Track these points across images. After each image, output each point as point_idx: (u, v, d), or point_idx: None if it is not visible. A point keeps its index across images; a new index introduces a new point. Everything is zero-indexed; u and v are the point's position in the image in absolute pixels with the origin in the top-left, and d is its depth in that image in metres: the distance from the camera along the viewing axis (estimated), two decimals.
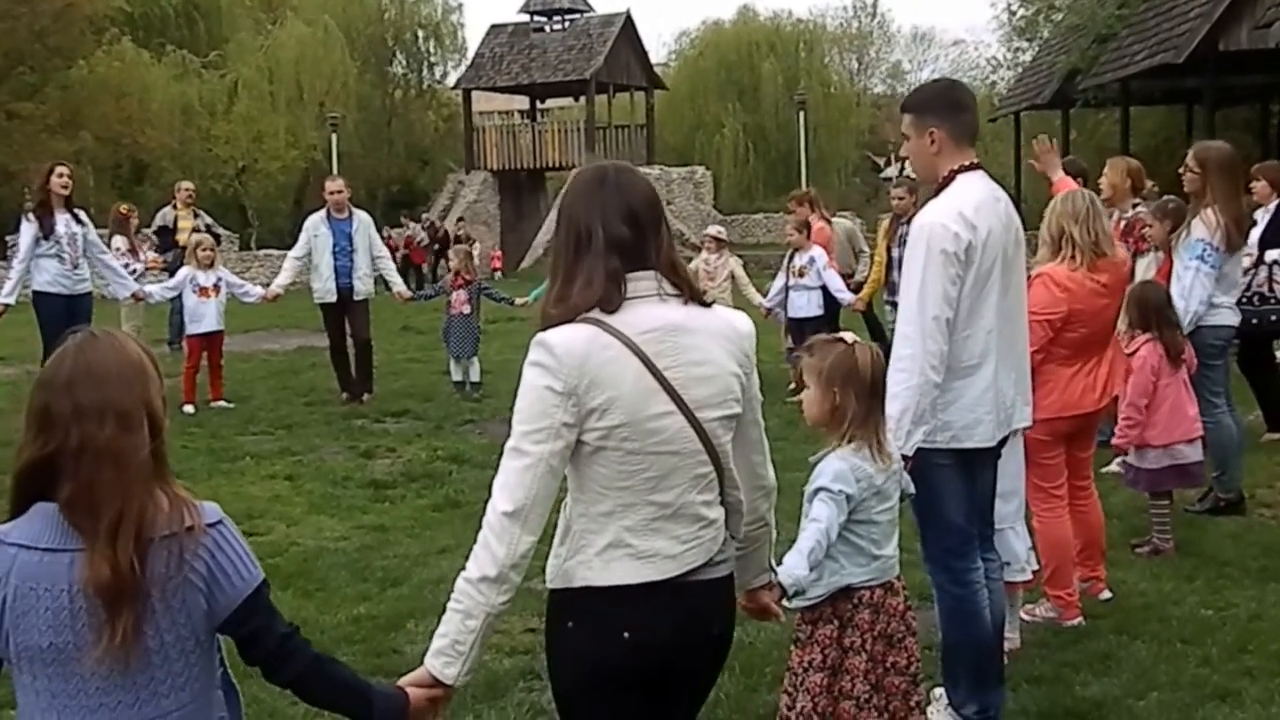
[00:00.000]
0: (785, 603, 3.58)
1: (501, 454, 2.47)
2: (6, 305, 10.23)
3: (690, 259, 14.32)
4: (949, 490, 3.98)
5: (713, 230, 12.40)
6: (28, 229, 9.97)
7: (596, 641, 2.46)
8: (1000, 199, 3.99)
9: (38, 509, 2.08)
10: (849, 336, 3.58)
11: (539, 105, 37.45)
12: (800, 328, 10.51)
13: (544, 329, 2.44)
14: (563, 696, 2.62)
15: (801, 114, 32.80)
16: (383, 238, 13.31)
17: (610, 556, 2.43)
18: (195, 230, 14.67)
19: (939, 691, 4.26)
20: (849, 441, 3.48)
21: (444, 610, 2.46)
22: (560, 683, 2.60)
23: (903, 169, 46.57)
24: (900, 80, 55.93)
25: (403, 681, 2.41)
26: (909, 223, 6.82)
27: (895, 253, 9.71)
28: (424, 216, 33.10)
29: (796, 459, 8.11)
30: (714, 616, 2.58)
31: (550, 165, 34.18)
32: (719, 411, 2.48)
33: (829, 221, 11.94)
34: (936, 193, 3.98)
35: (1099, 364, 5.13)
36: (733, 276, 11.66)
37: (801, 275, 10.87)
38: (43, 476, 2.06)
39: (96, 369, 2.07)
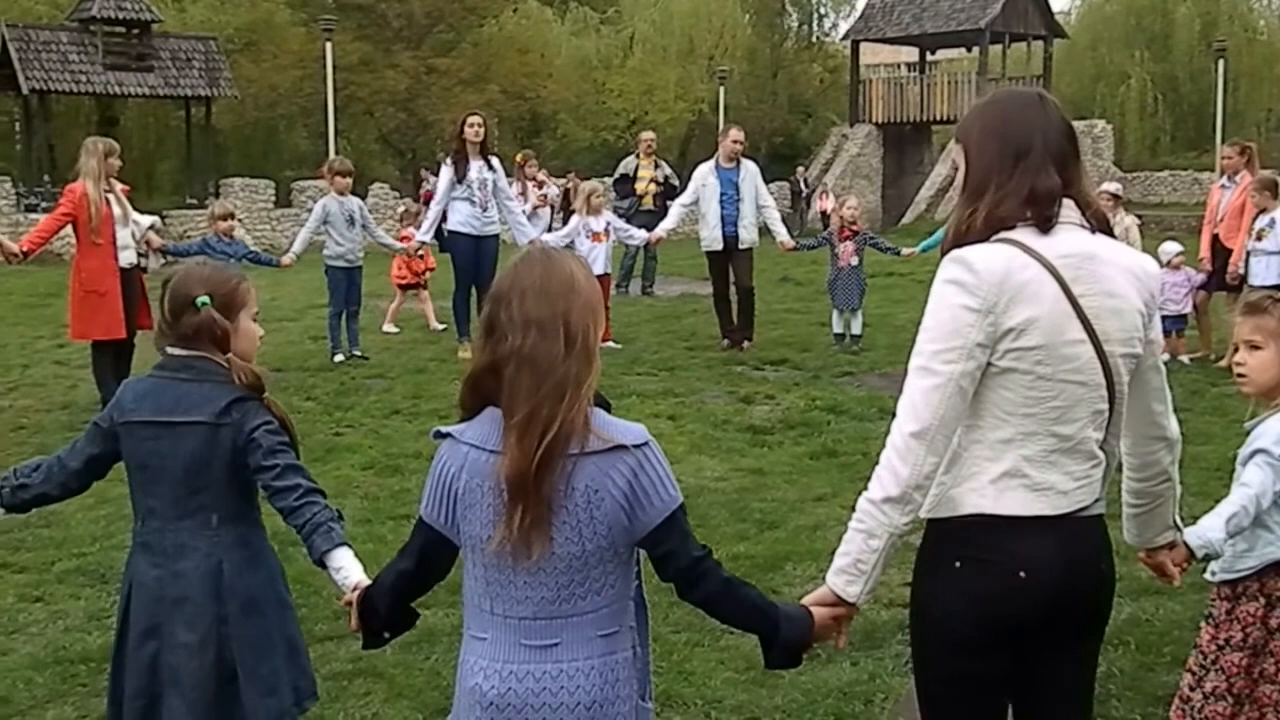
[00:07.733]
0: (1207, 575, 3.33)
1: (898, 397, 2.39)
2: (422, 242, 11.18)
3: None
4: None
5: (1109, 187, 11.61)
6: (445, 173, 10.92)
7: (990, 580, 2.34)
8: None
9: (488, 412, 2.23)
10: None
11: (928, 56, 36.43)
12: None
13: (957, 246, 2.37)
14: (936, 646, 2.44)
15: (1220, 63, 30.18)
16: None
17: (1005, 485, 2.34)
18: (654, 181, 15.46)
19: None
20: None
21: (840, 539, 2.42)
22: (940, 629, 2.41)
23: None
24: None
25: (806, 600, 2.42)
26: None
27: None
28: (799, 170, 33.08)
29: (1201, 431, 7.63)
30: (1101, 552, 2.46)
31: (937, 119, 33.22)
32: (1124, 348, 2.38)
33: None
34: None
35: None
36: (1127, 237, 10.84)
37: (1260, 239, 9.87)
38: (490, 381, 2.21)
39: (523, 281, 2.21)
